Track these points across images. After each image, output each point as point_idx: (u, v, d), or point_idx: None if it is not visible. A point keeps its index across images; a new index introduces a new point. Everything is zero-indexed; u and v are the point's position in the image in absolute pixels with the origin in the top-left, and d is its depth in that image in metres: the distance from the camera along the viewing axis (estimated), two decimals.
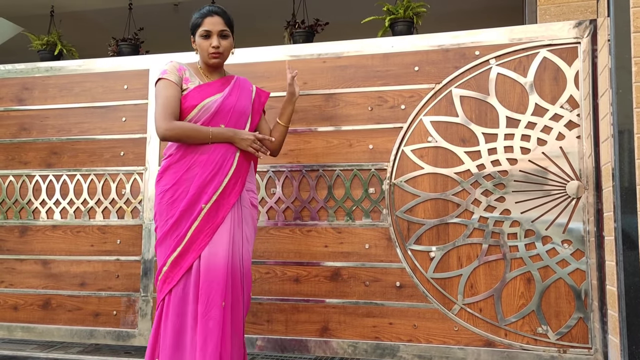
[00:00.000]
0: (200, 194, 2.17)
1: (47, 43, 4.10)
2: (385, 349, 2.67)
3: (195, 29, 2.30)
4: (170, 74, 2.24)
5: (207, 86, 2.28)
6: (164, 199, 2.20)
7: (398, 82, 2.76)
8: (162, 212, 2.21)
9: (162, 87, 2.23)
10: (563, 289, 2.52)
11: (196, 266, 2.14)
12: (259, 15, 5.33)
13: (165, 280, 2.15)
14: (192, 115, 2.23)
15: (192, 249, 2.14)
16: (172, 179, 2.20)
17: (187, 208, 2.16)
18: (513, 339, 2.55)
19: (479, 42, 2.68)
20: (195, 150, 2.21)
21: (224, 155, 2.22)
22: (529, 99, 2.60)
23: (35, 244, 3.14)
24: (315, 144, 2.83)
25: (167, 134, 2.18)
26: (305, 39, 3.69)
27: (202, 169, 2.18)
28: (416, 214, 2.69)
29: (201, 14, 2.29)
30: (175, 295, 2.13)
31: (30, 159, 3.19)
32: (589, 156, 2.51)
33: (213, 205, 2.17)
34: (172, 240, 2.16)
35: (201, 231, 2.15)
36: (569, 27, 2.59)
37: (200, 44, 2.29)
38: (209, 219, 2.16)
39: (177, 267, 2.14)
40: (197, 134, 2.19)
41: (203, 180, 2.17)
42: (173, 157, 2.23)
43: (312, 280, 2.78)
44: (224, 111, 2.26)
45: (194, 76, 2.29)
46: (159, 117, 2.19)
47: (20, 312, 3.12)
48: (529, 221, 2.56)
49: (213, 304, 2.10)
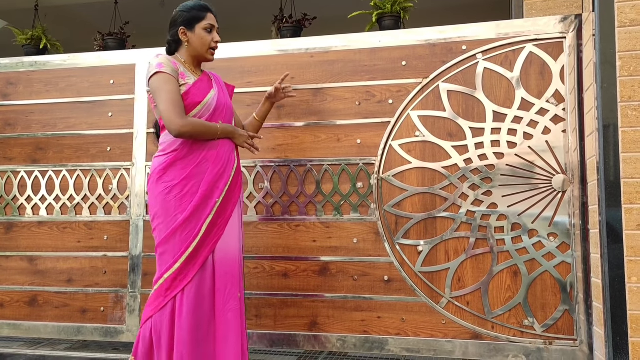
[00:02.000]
0: (212, 189, 2.19)
1: (31, 38, 4.04)
2: (374, 342, 2.69)
3: (196, 22, 2.26)
4: (167, 67, 2.20)
5: (200, 82, 2.27)
6: (172, 194, 2.16)
7: (386, 76, 2.76)
8: (169, 208, 2.16)
9: (162, 81, 2.17)
10: (549, 281, 2.55)
11: (210, 261, 2.16)
12: (247, 9, 5.30)
13: (177, 277, 2.12)
14: (194, 112, 2.21)
15: (207, 243, 2.15)
16: (180, 174, 2.17)
17: (201, 203, 2.16)
18: (500, 332, 2.58)
19: (466, 36, 2.69)
20: (203, 145, 2.20)
21: (229, 150, 2.28)
22: (516, 94, 2.62)
23: (21, 240, 3.11)
24: (303, 138, 2.82)
25: (183, 130, 2.13)
26: (292, 33, 3.68)
27: (214, 164, 2.20)
28: (404, 208, 2.70)
29: (202, 8, 2.28)
30: (190, 292, 2.11)
31: (15, 155, 3.16)
32: (574, 150, 2.53)
33: (224, 199, 2.21)
34: (185, 237, 2.14)
35: (215, 224, 2.17)
36: (554, 22, 2.60)
37: (204, 37, 2.27)
38: (222, 212, 2.20)
39: (192, 262, 2.13)
40: (208, 130, 2.20)
41: (215, 175, 2.19)
42: (179, 153, 2.19)
43: (300, 275, 2.78)
44: (220, 107, 2.29)
45: (187, 71, 2.27)
46: (170, 113, 2.13)
47: (6, 309, 3.10)
48: (516, 215, 2.59)
49: (230, 295, 2.14)
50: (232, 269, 2.18)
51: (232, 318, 2.13)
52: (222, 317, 2.13)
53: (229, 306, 2.14)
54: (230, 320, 2.13)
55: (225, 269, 2.17)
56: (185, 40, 2.28)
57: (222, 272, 2.16)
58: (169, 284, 2.13)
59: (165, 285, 2.13)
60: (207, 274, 2.15)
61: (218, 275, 2.16)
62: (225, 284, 2.15)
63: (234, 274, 2.18)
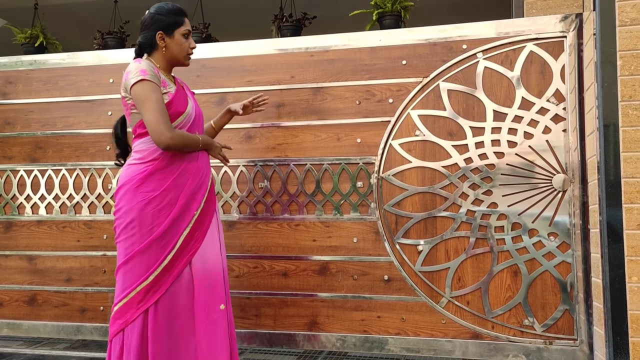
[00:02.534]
0: (190, 201, 2.13)
1: (30, 36, 4.04)
2: (374, 342, 2.68)
3: (175, 27, 2.18)
4: (150, 74, 2.09)
5: (181, 91, 2.20)
6: (150, 205, 2.08)
7: (386, 75, 2.76)
8: (146, 219, 2.08)
9: (148, 89, 2.07)
10: (549, 281, 2.54)
11: (187, 273, 2.10)
12: (246, 8, 5.29)
13: (150, 289, 2.05)
14: (177, 122, 2.14)
15: (183, 255, 2.09)
16: (160, 184, 2.10)
17: (179, 215, 2.10)
18: (500, 331, 2.58)
19: (466, 36, 2.68)
20: (182, 156, 2.14)
21: (207, 162, 2.24)
22: (516, 93, 2.61)
23: (20, 239, 3.10)
24: (303, 137, 2.82)
25: (172, 142, 2.06)
26: (292, 32, 3.67)
27: (194, 176, 2.15)
28: (404, 207, 2.69)
29: (180, 12, 2.20)
30: (163, 305, 2.05)
31: (14, 154, 3.15)
32: (574, 149, 2.53)
33: (202, 210, 2.16)
34: (160, 249, 2.07)
35: (192, 237, 2.12)
36: (555, 21, 2.60)
37: (182, 43, 2.20)
38: (200, 224, 2.14)
39: (166, 275, 2.07)
40: (193, 142, 2.16)
41: (194, 187, 2.15)
42: (160, 162, 2.11)
43: (300, 274, 2.78)
44: (197, 117, 2.23)
45: (166, 79, 2.18)
46: (159, 124, 2.04)
47: (5, 308, 3.09)
48: (516, 214, 2.58)
49: (212, 308, 2.08)
50: (213, 281, 2.11)
51: (213, 331, 2.06)
52: (204, 330, 2.06)
53: (210, 318, 2.06)
54: (212, 333, 2.05)
55: (205, 282, 2.10)
56: (163, 46, 2.18)
57: (203, 285, 2.09)
58: (142, 296, 2.05)
59: (138, 298, 2.05)
60: (182, 287, 2.09)
61: (198, 287, 2.09)
62: (206, 296, 2.08)
63: (216, 286, 2.11)
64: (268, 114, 2.84)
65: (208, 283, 2.10)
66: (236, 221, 2.86)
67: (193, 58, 2.92)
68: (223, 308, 2.10)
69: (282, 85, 2.85)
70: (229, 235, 2.84)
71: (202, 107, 2.85)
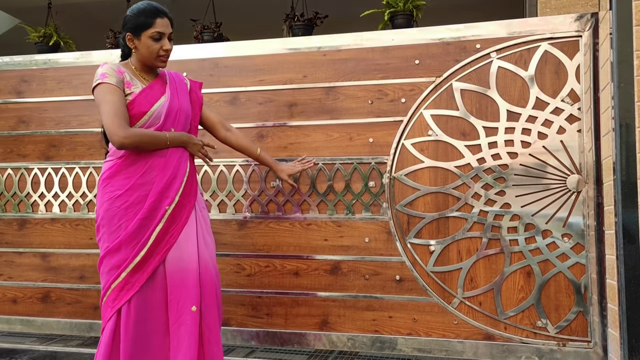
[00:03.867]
0: (161, 198, 2.10)
1: (44, 35, 4.07)
2: (385, 342, 2.68)
3: (142, 29, 2.13)
4: (110, 77, 2.09)
5: (150, 89, 2.17)
6: (115, 204, 2.08)
7: (398, 75, 2.75)
8: (114, 218, 2.08)
9: (105, 91, 2.08)
10: (563, 282, 2.52)
11: (161, 271, 2.07)
12: (258, 7, 5.30)
13: (123, 287, 2.04)
14: (142, 121, 2.12)
15: (156, 252, 2.07)
16: (124, 183, 2.09)
17: (149, 213, 2.08)
18: (512, 333, 2.56)
19: (479, 35, 2.67)
20: (149, 153, 2.12)
21: (180, 157, 2.18)
22: (530, 93, 2.60)
23: (34, 237, 3.13)
24: (315, 137, 2.82)
25: (125, 142, 2.03)
26: (304, 31, 3.67)
27: (162, 172, 2.12)
28: (416, 207, 2.68)
29: (150, 14, 2.13)
30: (136, 303, 2.03)
31: (28, 152, 3.18)
32: (589, 150, 2.50)
33: (176, 206, 2.12)
34: (132, 247, 2.06)
35: (166, 232, 2.09)
36: (570, 20, 2.58)
37: (150, 45, 2.14)
38: (174, 219, 2.11)
39: (139, 272, 2.05)
40: (156, 140, 2.11)
41: (164, 184, 2.11)
42: (125, 160, 2.11)
43: (311, 273, 2.78)
44: (172, 114, 2.18)
45: (134, 79, 2.17)
46: (111, 124, 2.03)
47: (19, 305, 3.12)
48: (529, 215, 2.56)
49: (183, 309, 2.03)
50: (186, 281, 2.06)
51: (183, 332, 2.01)
52: (174, 330, 2.03)
53: (181, 320, 2.02)
54: (182, 335, 2.01)
55: (178, 281, 2.05)
56: (133, 47, 2.17)
57: (175, 284, 2.05)
58: (116, 294, 2.05)
59: (112, 296, 2.05)
60: (157, 285, 2.06)
61: (170, 286, 2.05)
62: (177, 296, 2.04)
63: (188, 286, 2.05)
64: (280, 113, 2.84)
65: (180, 282, 2.05)
66: (248, 220, 2.86)
67: (206, 57, 2.96)
68: (195, 310, 2.04)
69: (294, 85, 2.85)
70: (240, 234, 2.85)
71: (215, 106, 2.88)
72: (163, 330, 2.06)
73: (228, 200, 2.89)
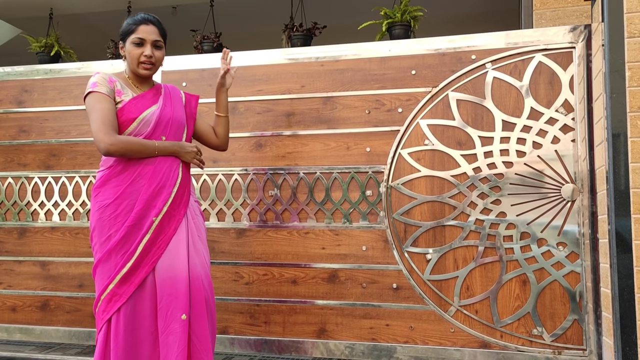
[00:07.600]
0: (148, 207, 2.10)
1: (45, 45, 4.12)
2: (382, 350, 2.69)
3: (126, 36, 2.20)
4: (101, 86, 2.13)
5: (141, 98, 2.20)
6: (105, 214, 2.10)
7: (395, 85, 2.78)
8: (103, 228, 2.10)
9: (94, 100, 2.12)
10: (558, 291, 2.54)
11: (150, 280, 2.08)
12: (257, 18, 5.36)
13: (111, 298, 2.05)
14: (131, 128, 2.14)
15: (143, 263, 2.07)
16: (113, 192, 2.11)
17: (136, 222, 2.08)
18: (508, 341, 2.58)
19: (475, 46, 2.71)
20: (139, 161, 2.13)
21: (170, 167, 2.17)
22: (525, 103, 2.63)
23: (33, 245, 3.15)
24: (313, 146, 2.85)
25: (111, 149, 2.06)
26: (303, 42, 3.72)
27: (149, 181, 2.12)
28: (413, 216, 2.71)
29: (135, 21, 2.20)
30: (125, 313, 2.04)
31: (29, 161, 3.20)
32: (583, 159, 2.54)
33: (164, 217, 2.11)
34: (120, 257, 2.07)
35: (153, 244, 2.09)
36: (564, 31, 2.62)
37: (131, 51, 2.18)
38: (161, 230, 2.11)
39: (126, 283, 2.05)
40: (144, 148, 2.12)
41: (151, 193, 2.11)
42: (113, 169, 2.13)
43: (309, 282, 2.80)
44: (163, 123, 2.19)
45: (126, 87, 2.20)
46: (99, 131, 2.07)
47: (18, 313, 3.13)
48: (525, 223, 2.59)
49: (172, 318, 2.03)
50: (176, 290, 2.05)
51: (172, 342, 2.01)
52: (163, 340, 2.03)
53: (170, 329, 2.02)
54: (170, 344, 2.01)
55: (168, 290, 2.06)
56: (123, 55, 2.23)
57: (164, 293, 2.05)
58: (105, 305, 2.06)
59: (102, 307, 2.07)
60: (146, 294, 2.07)
61: (160, 295, 2.05)
62: (167, 305, 2.04)
63: (178, 295, 2.05)
64: (278, 123, 2.88)
65: (170, 290, 2.06)
66: (246, 229, 2.89)
67: (205, 67, 2.99)
68: (185, 318, 2.04)
69: (292, 95, 2.89)
70: (239, 243, 2.88)
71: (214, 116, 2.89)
72: (152, 339, 2.07)
73: (227, 208, 2.91)
